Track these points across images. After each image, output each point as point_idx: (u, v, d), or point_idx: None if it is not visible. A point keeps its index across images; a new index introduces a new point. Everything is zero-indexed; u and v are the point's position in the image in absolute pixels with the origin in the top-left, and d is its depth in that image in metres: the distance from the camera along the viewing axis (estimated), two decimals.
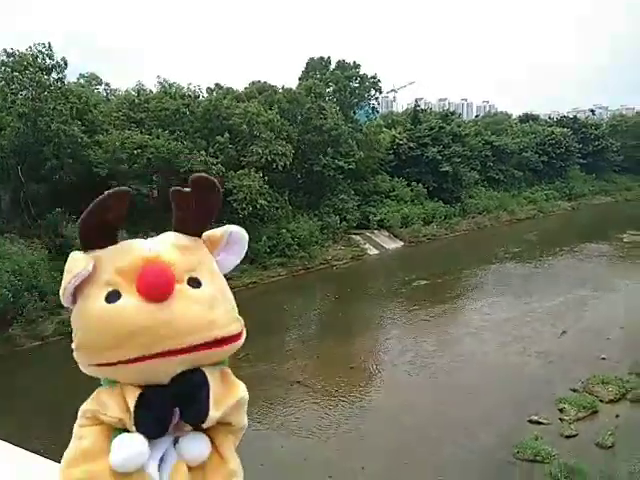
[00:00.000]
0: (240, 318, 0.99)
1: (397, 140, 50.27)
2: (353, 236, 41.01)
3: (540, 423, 13.96)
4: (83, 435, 0.90)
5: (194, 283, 0.93)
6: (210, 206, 1.00)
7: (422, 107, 61.57)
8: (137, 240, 0.99)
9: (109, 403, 0.89)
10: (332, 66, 46.69)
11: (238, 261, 1.06)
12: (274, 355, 19.45)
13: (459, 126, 53.83)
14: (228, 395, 0.93)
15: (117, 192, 0.91)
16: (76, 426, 0.91)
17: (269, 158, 33.66)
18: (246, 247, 1.06)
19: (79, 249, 0.93)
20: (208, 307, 0.92)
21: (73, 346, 0.92)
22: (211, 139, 34.20)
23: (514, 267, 34.74)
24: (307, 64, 47.29)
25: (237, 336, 0.96)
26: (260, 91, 39.31)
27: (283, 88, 40.97)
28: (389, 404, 15.58)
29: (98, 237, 0.93)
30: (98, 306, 0.89)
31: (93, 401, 0.92)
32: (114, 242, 0.95)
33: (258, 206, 32.60)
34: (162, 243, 0.97)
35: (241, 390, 0.96)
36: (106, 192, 0.91)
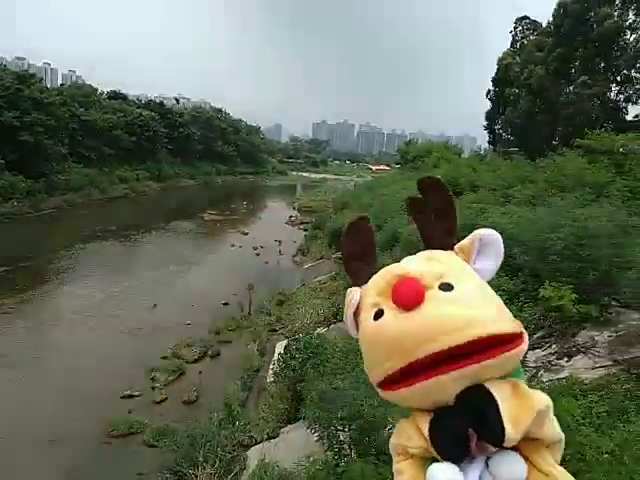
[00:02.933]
0: (516, 320, 0.91)
1: None
2: None
3: (133, 396, 14.36)
4: (401, 470, 0.92)
5: (445, 287, 0.91)
6: (443, 211, 1.01)
7: None
8: (394, 264, 1.01)
9: (411, 433, 0.91)
10: None
11: (497, 264, 1.01)
12: None
13: (41, 92, 47.88)
14: (524, 410, 0.84)
15: (356, 222, 1.03)
16: (394, 462, 0.94)
17: None
18: (502, 248, 1.00)
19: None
20: (464, 306, 0.88)
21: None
22: None
23: (108, 246, 34.18)
24: None
25: (513, 338, 0.87)
26: None
27: None
28: None
29: (362, 273, 1.02)
30: (368, 326, 0.94)
31: (397, 434, 0.95)
32: (375, 269, 1.01)
33: None
34: (412, 259, 1.00)
35: (537, 402, 0.86)
36: (347, 223, 1.03)
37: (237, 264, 30.28)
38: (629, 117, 29.74)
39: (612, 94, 29.65)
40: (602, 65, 29.64)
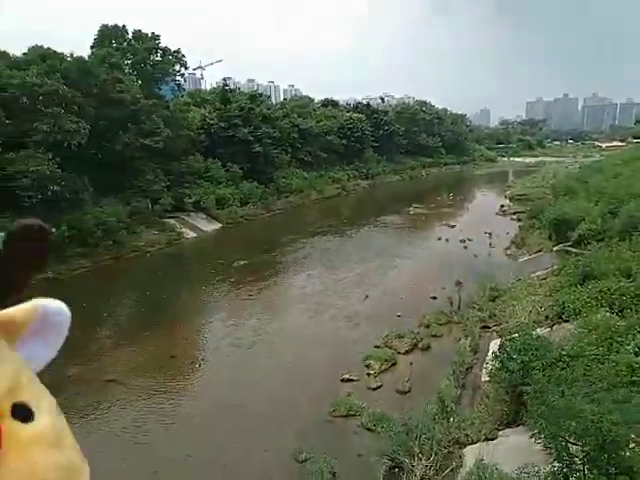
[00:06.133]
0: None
1: (208, 120, 49.08)
2: (168, 220, 39.05)
3: (351, 380, 15.42)
4: None
5: (22, 412, 0.58)
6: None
7: (231, 87, 61.09)
8: None
9: None
10: (129, 36, 42.93)
11: (53, 355, 0.70)
12: (84, 355, 17.40)
13: (268, 108, 55.08)
14: None
15: None
16: None
17: (59, 137, 29.50)
18: (66, 332, 0.69)
19: None
20: (56, 447, 0.58)
21: None
22: None
23: (325, 241, 37.37)
24: (100, 32, 42.45)
25: None
26: (42, 58, 33.92)
27: (72, 56, 36.09)
28: (212, 387, 15.42)
29: None
30: None
31: None
32: None
33: (50, 192, 28.54)
34: None
35: None
36: None
37: (444, 257, 29.74)
38: None
39: None
40: None
